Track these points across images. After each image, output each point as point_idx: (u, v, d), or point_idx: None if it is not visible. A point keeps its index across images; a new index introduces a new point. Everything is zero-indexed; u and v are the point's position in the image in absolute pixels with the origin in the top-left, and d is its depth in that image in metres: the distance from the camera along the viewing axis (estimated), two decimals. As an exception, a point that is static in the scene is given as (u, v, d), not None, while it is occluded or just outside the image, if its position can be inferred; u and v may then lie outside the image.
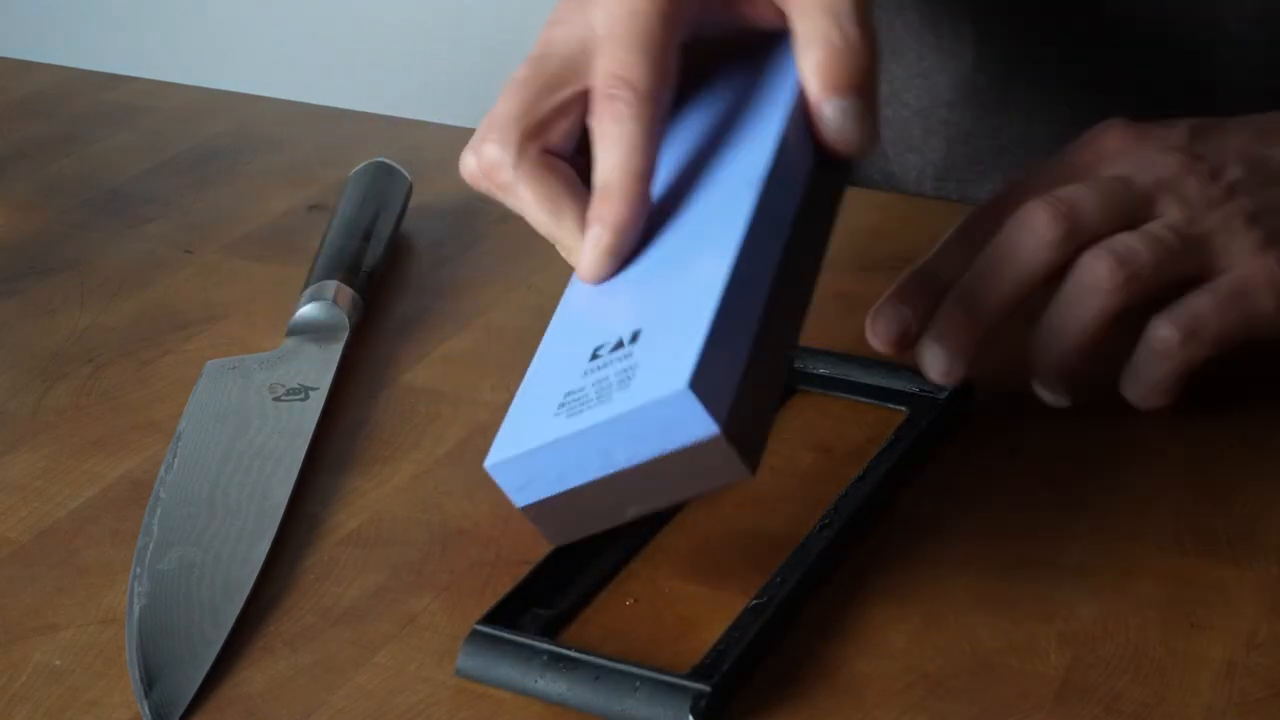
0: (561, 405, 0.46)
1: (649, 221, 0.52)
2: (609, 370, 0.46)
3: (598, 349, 0.48)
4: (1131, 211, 0.58)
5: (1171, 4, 0.76)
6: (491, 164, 0.54)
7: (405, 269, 0.74)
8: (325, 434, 0.60)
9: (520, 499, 0.47)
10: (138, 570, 0.52)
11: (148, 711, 0.47)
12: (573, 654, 0.47)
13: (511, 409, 0.49)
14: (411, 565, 0.53)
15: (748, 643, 0.47)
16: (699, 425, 0.44)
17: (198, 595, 0.51)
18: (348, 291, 0.67)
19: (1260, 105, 0.75)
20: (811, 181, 0.53)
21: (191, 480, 0.57)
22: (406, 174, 0.78)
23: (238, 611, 0.50)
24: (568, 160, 0.55)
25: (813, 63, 0.53)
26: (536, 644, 0.47)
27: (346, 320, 0.66)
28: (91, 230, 0.78)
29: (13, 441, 0.61)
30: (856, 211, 0.70)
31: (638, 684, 0.46)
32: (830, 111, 0.53)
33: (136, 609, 0.50)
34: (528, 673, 0.47)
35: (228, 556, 0.53)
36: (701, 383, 0.44)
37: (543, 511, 0.47)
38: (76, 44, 1.76)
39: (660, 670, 0.46)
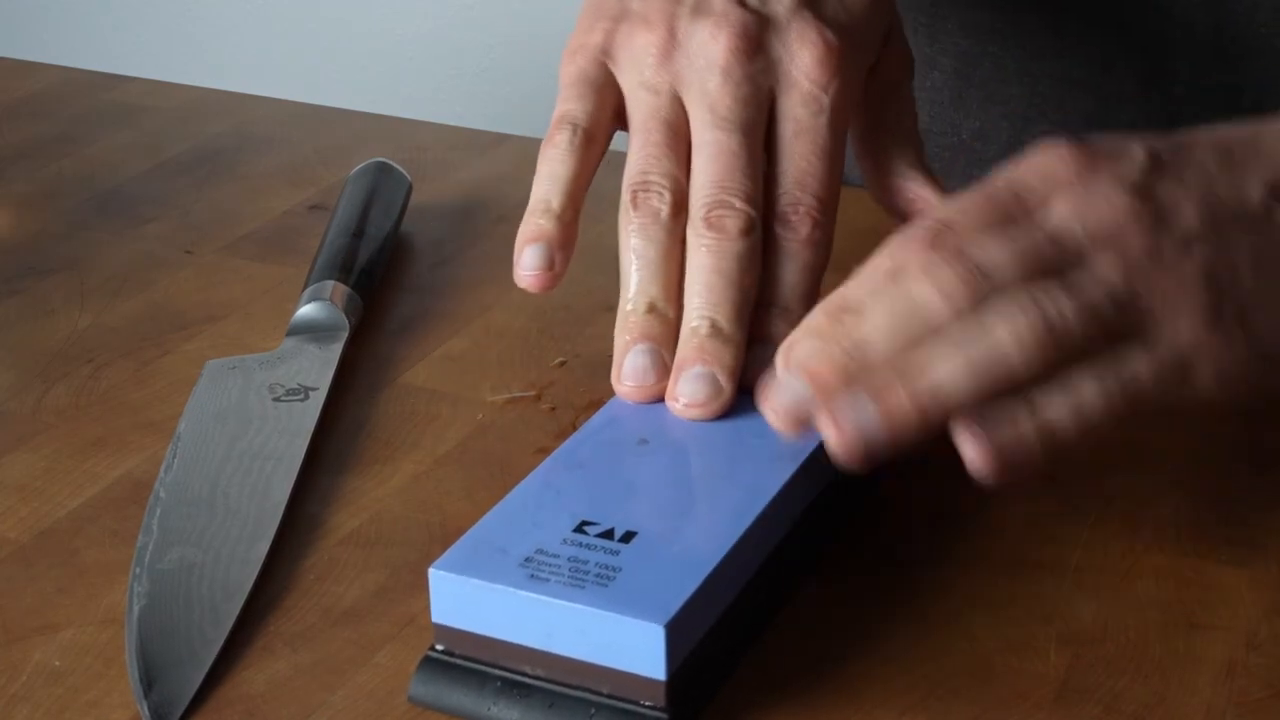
0: (529, 559, 0.46)
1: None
2: (590, 555, 0.46)
3: (586, 523, 0.48)
4: (1057, 271, 0.49)
5: None
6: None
7: (405, 269, 0.74)
8: (325, 434, 0.60)
9: (441, 615, 0.47)
10: (138, 570, 0.52)
11: (147, 712, 0.47)
12: (526, 680, 0.46)
13: (482, 523, 0.48)
14: (411, 565, 0.53)
15: (707, 666, 0.47)
16: (652, 664, 0.44)
17: (198, 595, 0.51)
18: (347, 291, 0.67)
19: (1212, 99, 0.75)
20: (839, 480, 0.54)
21: (191, 480, 0.57)
22: (406, 174, 0.78)
23: (238, 611, 0.50)
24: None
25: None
26: (489, 670, 0.46)
27: (346, 320, 0.66)
28: (91, 230, 0.78)
29: (13, 441, 0.61)
30: (855, 211, 0.70)
31: (593, 711, 0.45)
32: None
33: (136, 609, 0.50)
34: (480, 700, 0.46)
35: (228, 556, 0.53)
36: (675, 627, 0.44)
37: (449, 638, 0.47)
38: (76, 44, 1.76)
39: (616, 696, 0.45)
